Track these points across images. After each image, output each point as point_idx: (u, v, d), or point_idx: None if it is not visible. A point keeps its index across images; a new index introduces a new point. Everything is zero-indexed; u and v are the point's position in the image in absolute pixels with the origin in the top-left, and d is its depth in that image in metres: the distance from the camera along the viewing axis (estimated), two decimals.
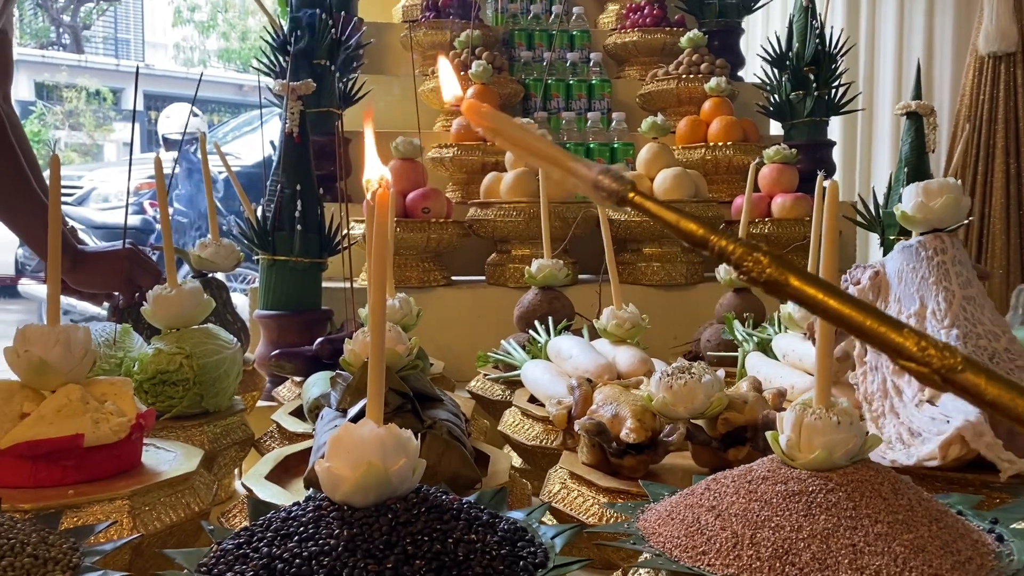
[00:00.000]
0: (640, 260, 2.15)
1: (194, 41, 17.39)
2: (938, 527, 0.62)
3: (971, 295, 1.07)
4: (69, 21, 16.28)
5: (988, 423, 0.90)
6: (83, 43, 16.43)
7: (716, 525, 0.63)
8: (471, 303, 2.04)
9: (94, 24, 17.46)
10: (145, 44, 18.75)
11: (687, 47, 2.60)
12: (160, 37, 18.21)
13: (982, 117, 3.56)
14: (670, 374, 0.94)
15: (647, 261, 2.14)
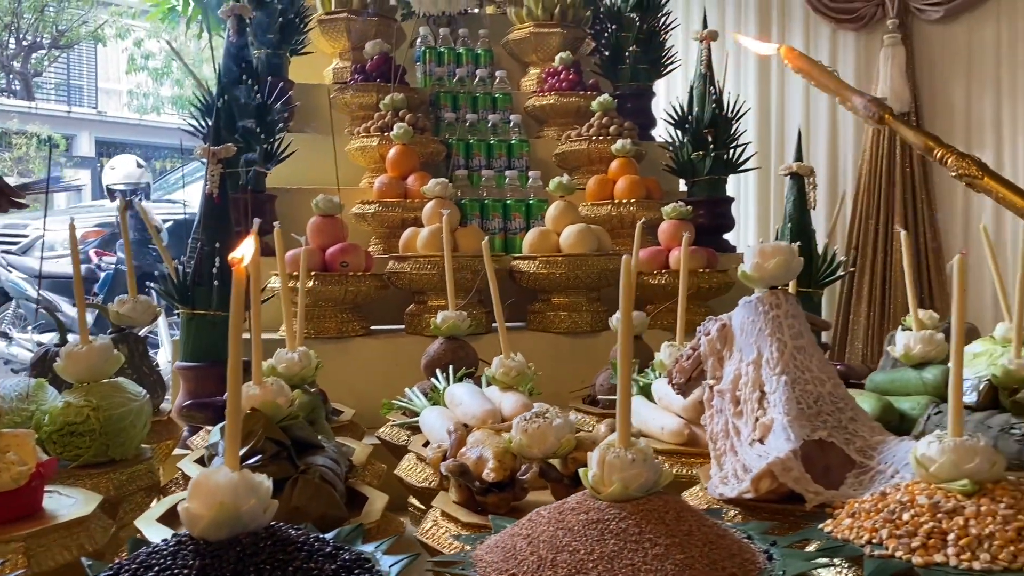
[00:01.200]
0: (549, 309, 2.26)
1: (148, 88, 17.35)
2: (710, 548, 0.72)
3: (801, 345, 1.19)
4: (19, 68, 16.15)
5: (798, 459, 1.01)
6: (34, 90, 16.28)
7: (527, 550, 0.73)
8: (389, 352, 2.13)
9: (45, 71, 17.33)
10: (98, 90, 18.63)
11: (598, 110, 2.75)
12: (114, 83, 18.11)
13: (882, 172, 3.79)
14: (527, 419, 1.04)
15: (555, 310, 2.25)
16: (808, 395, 1.14)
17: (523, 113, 2.98)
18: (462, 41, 3.13)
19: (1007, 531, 0.76)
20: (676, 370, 1.30)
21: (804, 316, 1.24)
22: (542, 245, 2.24)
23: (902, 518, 0.81)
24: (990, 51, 3.60)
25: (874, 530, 0.81)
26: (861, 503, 0.87)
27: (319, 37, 3.00)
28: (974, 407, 1.26)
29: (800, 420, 1.09)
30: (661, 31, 3.10)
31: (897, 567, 0.76)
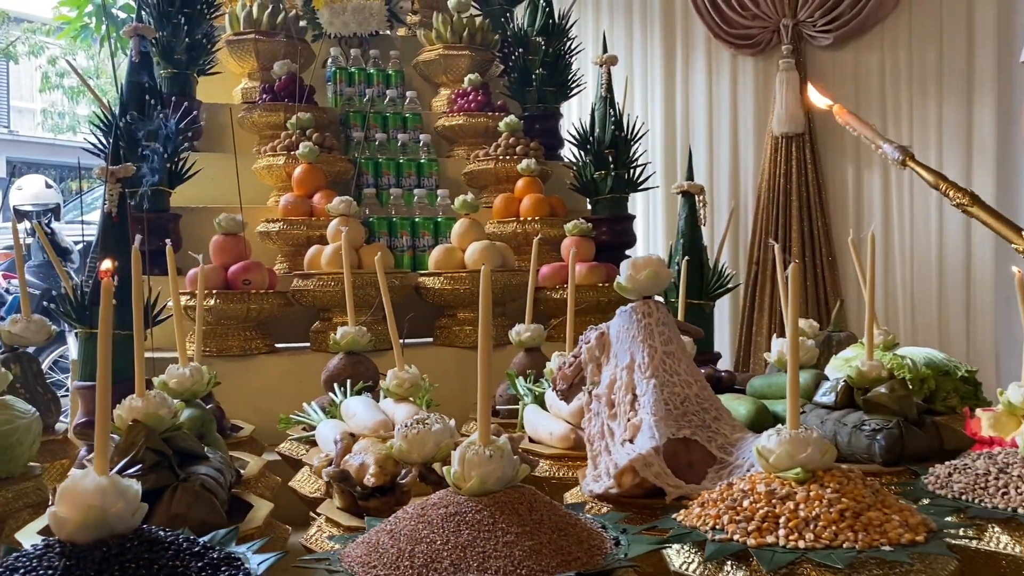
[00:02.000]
0: (455, 324, 2.31)
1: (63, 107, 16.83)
2: (559, 535, 0.77)
3: (671, 351, 1.26)
4: None
5: (660, 456, 1.08)
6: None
7: (389, 543, 0.77)
8: (294, 369, 2.14)
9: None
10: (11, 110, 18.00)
11: (505, 131, 2.83)
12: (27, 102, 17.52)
13: (779, 189, 3.95)
14: (407, 425, 1.09)
15: (461, 325, 2.30)
16: (675, 397, 1.21)
17: (433, 133, 3.03)
18: (373, 62, 3.17)
19: (831, 513, 0.83)
20: (559, 377, 1.37)
21: (675, 323, 1.31)
22: (447, 262, 2.29)
23: (742, 505, 0.88)
24: (875, 76, 3.81)
25: (718, 517, 0.88)
26: (710, 494, 0.94)
27: (228, 57, 3.00)
28: (833, 406, 1.35)
29: (667, 420, 1.16)
30: (567, 55, 3.20)
31: (733, 549, 0.83)
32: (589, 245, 2.45)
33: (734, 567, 0.83)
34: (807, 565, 0.80)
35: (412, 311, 2.21)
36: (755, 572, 0.81)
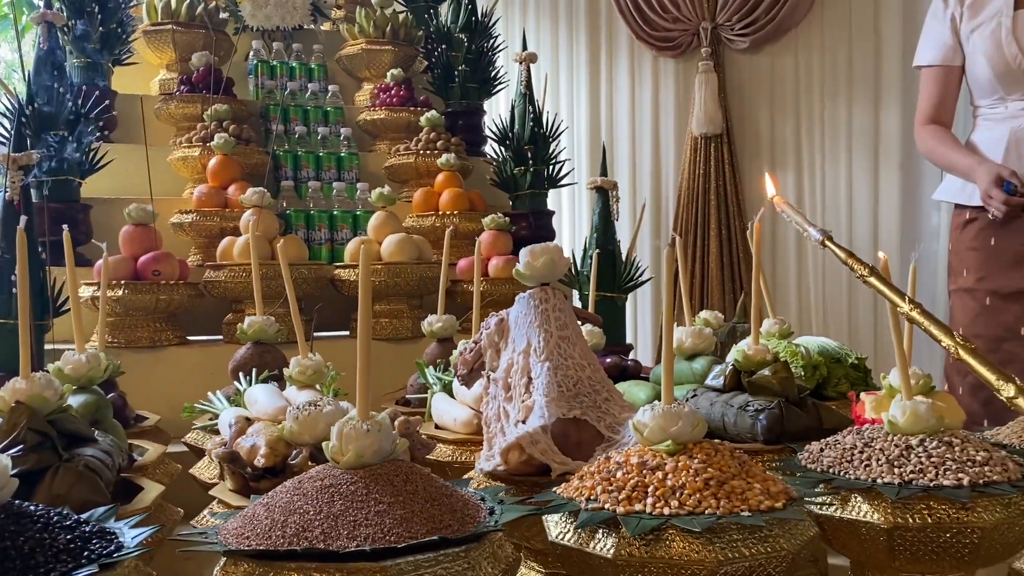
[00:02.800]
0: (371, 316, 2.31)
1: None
2: (432, 504, 0.80)
3: (566, 335, 1.30)
4: None
5: (547, 434, 1.11)
6: None
7: (263, 515, 0.78)
8: (205, 361, 2.12)
9: None
10: None
11: (426, 126, 2.84)
12: None
13: (698, 188, 4.06)
14: (299, 408, 1.10)
15: (377, 317, 2.31)
16: (568, 379, 1.24)
17: (355, 127, 3.03)
18: (296, 56, 3.16)
19: (696, 482, 0.87)
20: (460, 362, 1.39)
21: (571, 309, 1.35)
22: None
23: (616, 476, 0.91)
24: (790, 79, 3.94)
25: (592, 488, 0.92)
26: (589, 467, 0.97)
27: (145, 48, 2.95)
28: (722, 389, 1.40)
29: (558, 401, 1.19)
30: (490, 52, 3.23)
31: (604, 517, 0.86)
32: (507, 239, 2.48)
33: (604, 534, 0.86)
34: (671, 530, 0.83)
35: (327, 303, 2.21)
36: (623, 538, 0.84)
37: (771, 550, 0.84)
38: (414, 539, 0.74)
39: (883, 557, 0.99)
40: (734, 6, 3.91)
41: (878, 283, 0.96)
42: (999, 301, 2.14)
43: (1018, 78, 2.11)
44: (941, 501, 0.95)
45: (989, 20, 2.15)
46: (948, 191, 2.31)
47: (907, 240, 3.62)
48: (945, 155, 2.25)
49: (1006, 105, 2.17)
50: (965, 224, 2.23)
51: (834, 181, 3.81)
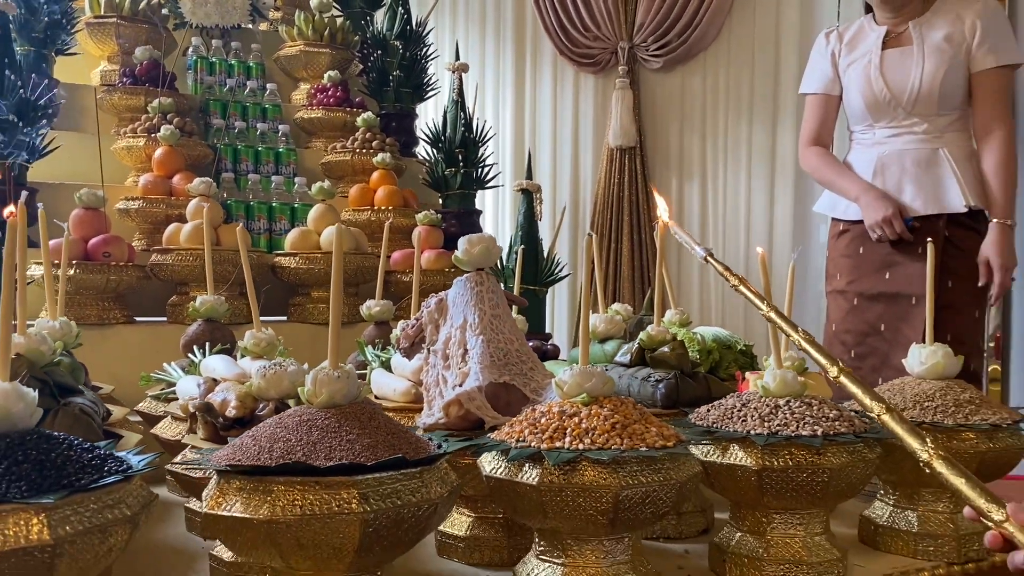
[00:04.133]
0: (309, 302, 2.44)
1: None
2: (393, 437, 0.96)
3: (498, 313, 1.47)
4: None
5: (483, 394, 1.28)
6: None
7: (251, 444, 0.93)
8: (150, 340, 2.21)
9: None
10: None
11: (362, 126, 2.98)
12: None
13: (613, 196, 4.30)
14: (265, 367, 1.24)
15: (315, 303, 2.44)
16: (499, 351, 1.42)
17: (292, 124, 3.13)
18: (234, 53, 3.24)
19: (605, 425, 1.06)
20: (402, 337, 1.55)
21: (503, 292, 1.52)
22: (303, 243, 2.42)
23: (540, 422, 1.09)
24: (698, 98, 4.22)
25: (521, 432, 1.09)
26: (517, 418, 1.15)
27: (87, 39, 2.99)
28: (628, 364, 1.60)
29: (491, 368, 1.36)
30: (423, 60, 3.38)
31: (529, 452, 1.04)
32: (438, 234, 2.64)
33: (530, 467, 1.03)
34: (584, 462, 1.01)
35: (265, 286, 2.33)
36: (545, 469, 1.02)
37: (663, 479, 1.03)
38: (380, 460, 0.90)
39: (754, 495, 1.19)
40: (649, 28, 4.17)
41: (746, 291, 1.16)
42: (865, 301, 2.42)
43: (884, 108, 2.39)
44: (800, 448, 1.16)
45: (861, 57, 2.43)
46: (825, 205, 2.58)
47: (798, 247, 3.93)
48: (832, 177, 2.50)
49: (874, 132, 2.45)
50: (839, 235, 2.51)
51: (735, 193, 4.11)
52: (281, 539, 0.85)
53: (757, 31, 4.04)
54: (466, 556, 1.31)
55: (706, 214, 4.19)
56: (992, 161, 2.32)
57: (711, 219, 4.16)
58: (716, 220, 4.14)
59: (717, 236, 4.13)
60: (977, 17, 2.31)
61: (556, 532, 1.07)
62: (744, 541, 1.23)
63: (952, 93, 2.33)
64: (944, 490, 1.35)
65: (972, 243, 2.32)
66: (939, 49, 2.32)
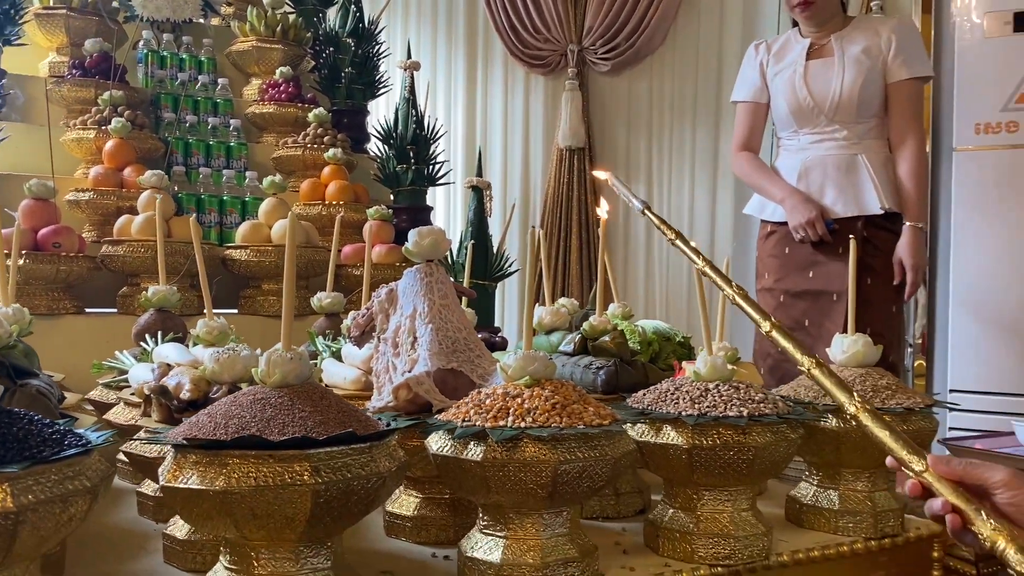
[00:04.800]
0: (259, 295, 2.46)
1: None
2: (343, 415, 1.00)
3: (447, 303, 1.52)
4: None
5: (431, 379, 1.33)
6: None
7: (207, 421, 0.97)
8: (101, 330, 2.21)
9: None
10: None
11: (314, 122, 3.00)
12: None
13: (563, 195, 4.37)
14: (219, 352, 1.27)
15: (265, 295, 2.46)
16: (448, 339, 1.47)
17: (243, 119, 3.14)
18: (186, 48, 3.23)
19: (546, 405, 1.12)
20: (353, 326, 1.59)
21: (451, 283, 1.57)
22: (254, 236, 2.44)
23: (485, 403, 1.14)
24: (644, 102, 4.32)
25: (466, 412, 1.14)
26: (465, 401, 1.20)
27: (35, 30, 2.96)
28: (571, 353, 1.67)
29: (439, 355, 1.41)
30: (375, 57, 3.41)
31: (474, 430, 1.09)
32: (389, 229, 2.68)
33: (475, 444, 1.09)
34: (525, 439, 1.07)
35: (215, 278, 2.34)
36: (489, 446, 1.07)
37: (599, 455, 1.09)
38: (331, 435, 0.94)
39: (685, 473, 1.26)
40: (598, 32, 4.25)
41: (683, 245, 1.22)
42: (790, 299, 2.54)
43: (807, 115, 2.51)
44: (727, 428, 1.24)
45: (787, 67, 2.55)
46: (754, 208, 2.70)
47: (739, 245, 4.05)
48: (760, 181, 2.62)
49: (799, 138, 2.57)
50: (767, 236, 2.63)
51: (679, 193, 4.22)
52: (235, 509, 0.89)
53: (701, 39, 4.16)
54: (414, 535, 1.36)
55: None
56: (906, 167, 2.45)
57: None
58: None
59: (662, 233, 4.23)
60: (892, 32, 2.45)
61: (499, 507, 1.12)
62: (676, 517, 1.30)
63: (870, 102, 2.46)
64: (863, 470, 1.44)
65: (888, 243, 2.45)
66: (858, 61, 2.44)
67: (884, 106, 2.50)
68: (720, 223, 4.11)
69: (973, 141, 3.02)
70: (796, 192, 2.50)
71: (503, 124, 4.63)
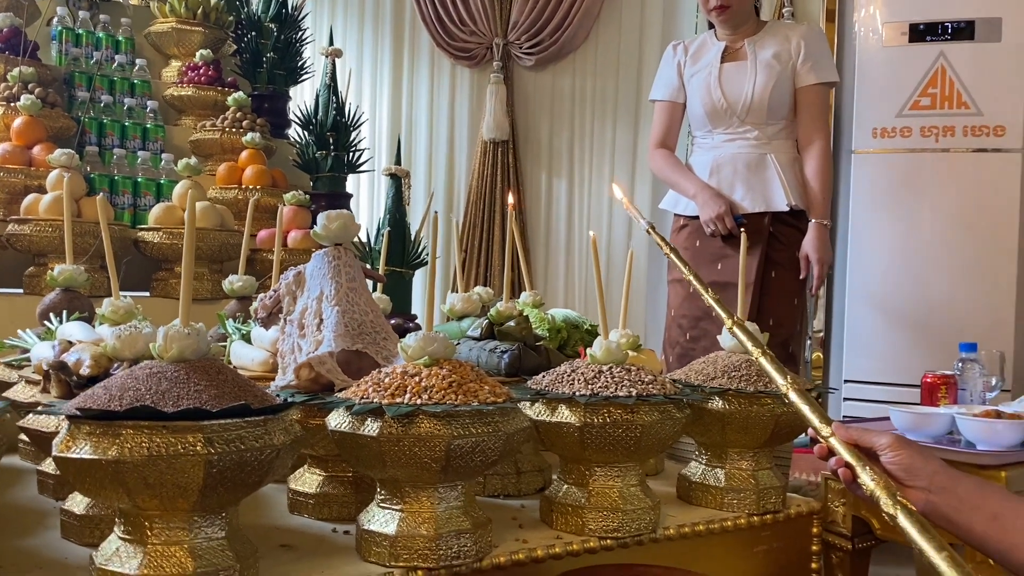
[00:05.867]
0: (172, 277, 2.44)
1: None
2: (238, 389, 1.02)
3: (354, 286, 1.54)
4: None
5: (333, 359, 1.36)
6: None
7: (102, 393, 0.98)
8: (5, 310, 2.16)
9: None
10: None
11: (233, 106, 2.97)
12: None
13: (487, 187, 4.41)
14: (121, 329, 1.27)
15: (177, 278, 2.43)
16: (354, 321, 1.49)
17: (161, 101, 3.08)
18: (103, 26, 3.16)
19: (443, 383, 1.16)
20: (260, 308, 1.60)
21: (360, 267, 1.60)
22: (168, 218, 2.41)
23: (384, 381, 1.18)
24: (567, 98, 4.39)
25: (365, 390, 1.17)
26: (365, 379, 1.23)
27: None
28: (478, 337, 1.71)
29: (344, 336, 1.44)
30: (297, 43, 3.39)
31: (372, 406, 1.12)
32: (306, 215, 2.68)
33: (372, 420, 1.12)
34: (421, 415, 1.11)
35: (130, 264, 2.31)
36: (386, 421, 1.11)
37: (492, 430, 1.13)
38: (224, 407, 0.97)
39: (578, 449, 1.32)
40: (523, 27, 4.30)
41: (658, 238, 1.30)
42: None
43: (721, 116, 2.61)
44: (617, 407, 1.30)
45: (703, 69, 2.64)
46: (668, 202, 2.79)
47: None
48: (674, 177, 2.71)
49: (713, 136, 2.67)
50: (680, 229, 2.73)
51: (599, 187, 4.31)
52: (128, 479, 0.91)
53: (623, 38, 4.25)
54: (316, 512, 1.39)
55: (572, 206, 4.38)
56: (812, 167, 2.57)
57: (577, 210, 4.35)
58: (582, 211, 4.33)
59: (583, 226, 4.32)
60: (802, 39, 2.56)
61: (395, 481, 1.16)
62: (569, 492, 1.36)
63: (779, 105, 2.57)
64: (747, 449, 1.52)
65: (794, 239, 2.57)
66: (769, 65, 2.55)
67: (793, 109, 2.62)
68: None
69: (871, 144, 3.17)
70: (707, 188, 2.59)
71: (429, 115, 4.64)
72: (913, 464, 1.00)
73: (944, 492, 0.98)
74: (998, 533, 0.94)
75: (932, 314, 3.08)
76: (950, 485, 0.98)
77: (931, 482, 0.99)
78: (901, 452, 1.02)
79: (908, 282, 3.13)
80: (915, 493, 0.99)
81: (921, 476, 0.99)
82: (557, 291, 4.28)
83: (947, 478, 0.99)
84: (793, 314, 2.58)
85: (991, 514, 0.95)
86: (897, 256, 3.17)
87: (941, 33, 2.99)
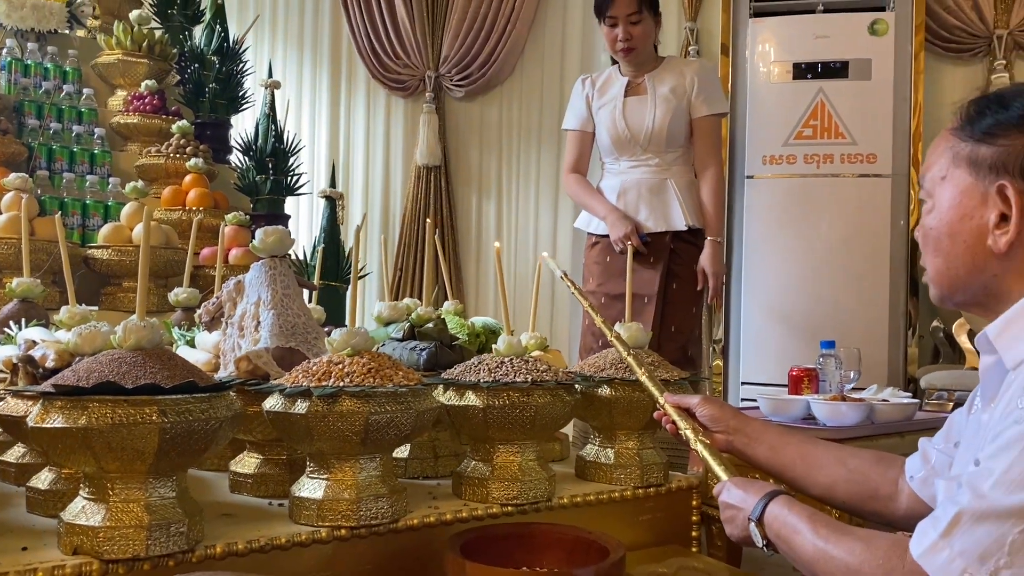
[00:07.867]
0: (120, 292, 2.57)
1: None
2: (189, 373, 1.19)
3: (288, 293, 1.72)
4: None
5: (269, 354, 1.54)
6: None
7: (70, 375, 1.14)
8: None
9: None
10: None
11: (177, 133, 3.11)
12: None
13: (420, 209, 4.61)
14: (82, 328, 1.43)
15: (125, 292, 2.56)
16: (288, 323, 1.67)
17: (108, 128, 3.21)
18: (51, 57, 3.27)
19: (363, 370, 1.34)
20: (204, 312, 1.77)
21: (294, 276, 1.78)
22: (116, 237, 2.54)
23: (312, 369, 1.36)
24: (495, 125, 4.63)
25: (297, 378, 1.35)
26: (296, 369, 1.41)
27: None
28: (401, 339, 1.90)
29: (279, 335, 1.62)
30: (239, 75, 3.54)
31: (301, 389, 1.30)
32: (246, 234, 2.83)
33: (302, 401, 1.30)
34: (343, 396, 1.29)
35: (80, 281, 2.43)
36: (313, 401, 1.29)
37: (404, 408, 1.32)
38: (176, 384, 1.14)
39: (482, 429, 1.51)
40: (453, 60, 4.53)
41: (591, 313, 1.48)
42: (610, 300, 2.88)
43: (625, 145, 2.87)
44: (514, 391, 1.49)
45: (609, 102, 2.90)
46: (582, 222, 3.04)
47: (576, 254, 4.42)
48: (586, 200, 2.95)
49: (619, 163, 2.92)
50: (592, 246, 2.97)
51: (525, 209, 4.54)
52: (95, 444, 1.07)
53: (545, 71, 4.51)
54: (254, 490, 1.55)
55: (501, 226, 4.60)
56: (707, 190, 2.84)
57: (505, 230, 4.58)
58: (509, 231, 4.56)
59: (510, 245, 4.55)
60: (695, 74, 2.83)
61: (322, 453, 1.34)
62: (476, 467, 1.55)
63: (677, 134, 2.83)
64: (632, 431, 1.73)
65: (691, 255, 2.83)
66: (667, 99, 2.81)
67: (689, 137, 2.88)
68: (561, 236, 4.46)
69: (762, 170, 3.47)
70: (615, 210, 2.83)
71: (365, 142, 4.82)
72: (715, 414, 1.32)
73: (738, 433, 1.30)
74: (775, 459, 1.26)
75: (819, 320, 3.38)
76: (742, 427, 1.30)
77: (728, 426, 1.31)
78: (706, 406, 1.34)
79: (798, 292, 3.43)
80: (719, 436, 1.32)
81: (721, 422, 1.32)
82: (487, 302, 4.48)
83: (739, 422, 1.30)
84: (691, 321, 2.83)
85: (769, 446, 1.27)
86: (788, 269, 3.46)
87: (821, 72, 3.31)
